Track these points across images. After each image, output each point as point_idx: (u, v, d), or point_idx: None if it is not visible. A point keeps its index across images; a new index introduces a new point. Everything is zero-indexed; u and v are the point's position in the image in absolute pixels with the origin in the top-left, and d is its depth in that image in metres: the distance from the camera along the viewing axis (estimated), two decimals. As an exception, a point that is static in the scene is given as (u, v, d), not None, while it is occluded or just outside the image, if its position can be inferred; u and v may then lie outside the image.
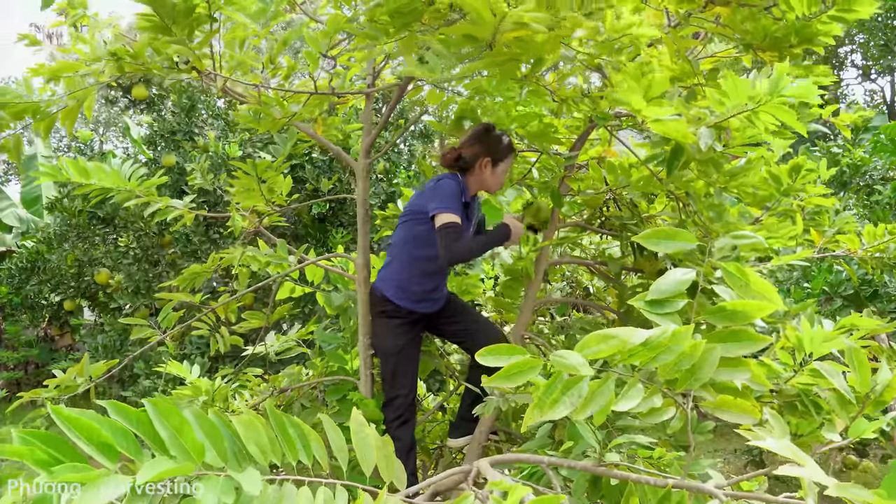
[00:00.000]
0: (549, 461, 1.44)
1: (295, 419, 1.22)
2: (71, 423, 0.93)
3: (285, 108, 2.31)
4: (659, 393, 1.23)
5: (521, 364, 1.19)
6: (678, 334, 1.19)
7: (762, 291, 1.46)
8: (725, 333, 1.29)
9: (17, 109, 2.05)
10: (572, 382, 1.19)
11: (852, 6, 1.66)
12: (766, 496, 1.13)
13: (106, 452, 0.94)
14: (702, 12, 1.77)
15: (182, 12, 1.83)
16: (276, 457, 1.14)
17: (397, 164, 6.78)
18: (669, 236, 1.56)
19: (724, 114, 1.52)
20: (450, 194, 2.29)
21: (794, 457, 1.08)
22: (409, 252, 2.45)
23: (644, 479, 1.28)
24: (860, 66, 17.87)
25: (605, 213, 2.56)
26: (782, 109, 1.45)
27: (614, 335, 1.19)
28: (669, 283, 1.41)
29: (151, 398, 1.03)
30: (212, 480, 0.99)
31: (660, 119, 1.47)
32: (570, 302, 3.32)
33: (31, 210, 9.86)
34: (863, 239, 2.48)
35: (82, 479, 0.88)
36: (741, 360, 1.28)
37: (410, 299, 2.45)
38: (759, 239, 1.67)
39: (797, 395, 1.61)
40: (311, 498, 1.10)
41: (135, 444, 0.97)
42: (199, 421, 1.05)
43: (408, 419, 2.44)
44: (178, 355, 4.79)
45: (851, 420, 1.38)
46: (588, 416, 1.19)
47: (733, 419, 1.34)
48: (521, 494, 1.02)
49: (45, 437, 0.91)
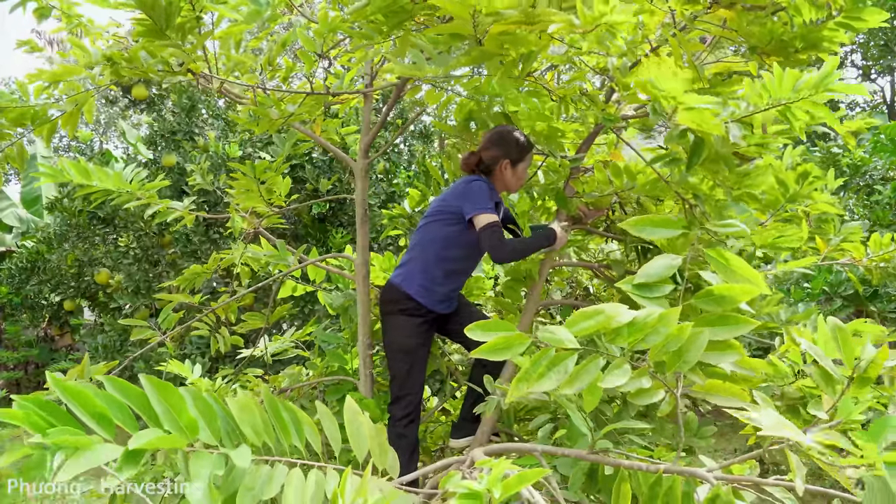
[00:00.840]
0: (542, 449, 1.44)
1: (289, 404, 1.23)
2: (68, 393, 0.93)
3: (282, 109, 2.31)
4: (647, 374, 1.23)
5: (509, 339, 1.20)
6: (665, 316, 1.20)
7: (746, 275, 1.46)
8: (713, 317, 1.30)
9: (15, 114, 2.04)
10: (559, 358, 1.20)
11: (860, 15, 1.65)
12: (756, 479, 1.13)
13: (102, 423, 0.95)
14: (707, 14, 1.77)
15: (172, 14, 1.83)
16: (270, 438, 1.14)
17: (397, 164, 6.78)
18: (655, 223, 1.57)
19: (759, 107, 1.49)
20: (484, 196, 2.33)
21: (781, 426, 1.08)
22: (435, 252, 2.46)
23: (636, 466, 1.28)
24: (860, 66, 17.87)
25: (610, 216, 2.56)
26: (819, 105, 1.42)
27: (601, 311, 1.21)
28: (657, 268, 1.42)
29: (148, 375, 1.03)
30: (203, 455, 1.00)
31: (695, 107, 1.45)
32: (571, 303, 3.31)
33: (31, 210, 9.86)
34: (868, 248, 2.47)
35: (75, 443, 0.89)
36: (729, 342, 1.29)
37: (434, 299, 2.47)
38: (742, 227, 1.67)
39: (800, 399, 1.60)
40: (303, 478, 1.11)
41: (130, 416, 0.98)
42: (195, 399, 1.06)
43: (415, 418, 2.46)
44: (178, 355, 4.79)
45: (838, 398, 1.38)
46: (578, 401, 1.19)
47: (723, 403, 1.35)
48: (503, 468, 1.02)
49: (42, 404, 0.92)
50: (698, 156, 1.61)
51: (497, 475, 0.99)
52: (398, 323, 2.48)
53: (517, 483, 0.99)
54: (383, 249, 6.31)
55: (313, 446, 1.21)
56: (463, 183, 2.43)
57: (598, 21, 1.51)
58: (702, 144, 1.61)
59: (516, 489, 0.99)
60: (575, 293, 3.48)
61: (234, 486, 1.02)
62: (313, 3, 3.04)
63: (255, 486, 1.04)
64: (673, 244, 1.73)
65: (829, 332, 1.40)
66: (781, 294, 2.43)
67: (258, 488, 1.04)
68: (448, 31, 1.67)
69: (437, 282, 2.47)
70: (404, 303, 2.47)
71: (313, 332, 3.30)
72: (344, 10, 2.38)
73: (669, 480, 1.24)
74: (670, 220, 1.58)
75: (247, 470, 1.03)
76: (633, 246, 2.40)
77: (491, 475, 0.99)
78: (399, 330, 2.48)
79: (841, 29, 1.69)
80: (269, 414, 1.18)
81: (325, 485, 1.11)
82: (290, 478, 1.08)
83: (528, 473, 1.00)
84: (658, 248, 2.06)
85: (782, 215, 2.14)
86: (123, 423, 0.96)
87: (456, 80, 2.28)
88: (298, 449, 1.19)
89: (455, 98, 2.69)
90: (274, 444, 1.15)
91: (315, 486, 1.10)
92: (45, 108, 2.10)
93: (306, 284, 3.21)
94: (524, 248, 2.32)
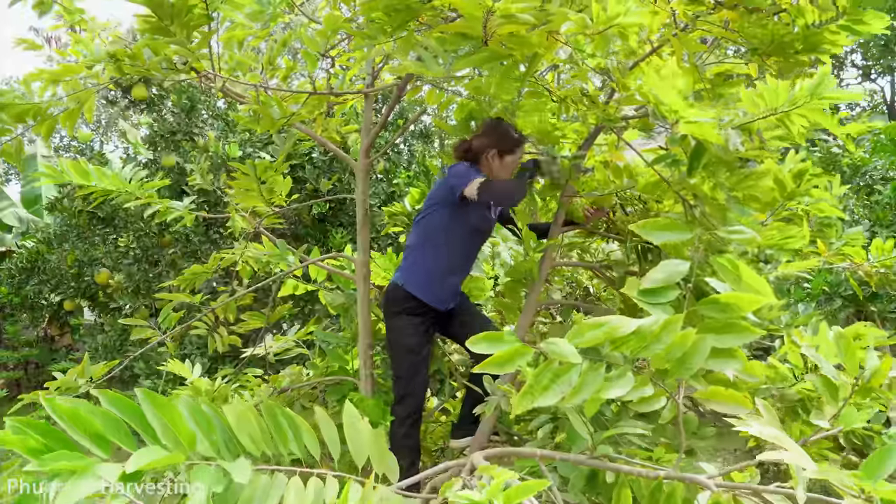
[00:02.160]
0: (541, 454, 1.44)
1: (287, 411, 1.22)
2: (63, 414, 0.92)
3: (284, 109, 2.31)
4: (650, 382, 1.23)
5: (513, 352, 1.19)
6: (669, 323, 1.20)
7: (754, 285, 1.46)
8: (718, 325, 1.29)
9: (17, 111, 2.04)
10: (563, 370, 1.20)
11: (863, 19, 1.65)
12: (757, 486, 1.13)
13: (98, 443, 0.94)
14: (710, 15, 1.76)
15: (180, 12, 1.83)
16: (268, 447, 1.14)
17: (397, 164, 6.77)
18: (661, 227, 1.57)
19: (756, 115, 1.50)
20: (468, 171, 2.37)
21: (781, 442, 1.08)
22: (432, 245, 2.48)
23: (636, 472, 1.28)
24: (860, 66, 17.86)
25: (611, 216, 2.56)
26: (818, 112, 1.43)
27: (606, 322, 1.20)
28: (663, 273, 1.42)
29: (144, 388, 1.03)
30: (202, 470, 0.99)
31: (695, 121, 1.45)
32: (571, 304, 3.31)
33: (31, 210, 9.85)
34: (870, 253, 2.47)
35: (72, 468, 0.88)
36: (733, 350, 1.28)
37: (435, 295, 2.48)
38: (753, 234, 1.66)
39: (799, 401, 1.60)
40: (302, 487, 1.10)
41: (127, 434, 0.97)
42: (192, 412, 1.05)
43: (418, 418, 2.46)
44: (178, 355, 4.78)
45: (840, 407, 1.38)
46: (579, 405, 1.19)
47: (725, 410, 1.34)
48: (505, 478, 1.01)
49: (37, 427, 0.91)
50: (699, 160, 1.61)
51: (498, 485, 0.99)
52: (400, 323, 2.49)
53: (519, 494, 0.99)
54: (384, 249, 6.30)
55: (312, 452, 1.21)
56: (447, 171, 2.49)
57: (612, 22, 1.50)
58: (702, 149, 1.61)
59: (517, 500, 0.98)
60: (575, 293, 3.47)
61: (234, 500, 1.01)
62: (313, 3, 3.04)
63: (254, 499, 1.03)
64: (677, 247, 1.73)
65: (830, 338, 1.40)
66: (785, 300, 2.42)
67: (257, 500, 1.03)
68: (455, 30, 1.66)
69: (436, 276, 2.47)
70: (405, 303, 2.47)
71: (314, 332, 3.30)
72: (344, 11, 2.38)
73: (670, 487, 1.24)
74: (677, 223, 1.57)
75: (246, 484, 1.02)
76: (634, 246, 2.40)
77: (492, 485, 0.98)
78: (401, 330, 2.49)
79: (842, 32, 1.69)
80: (267, 421, 1.17)
81: (325, 493, 1.11)
82: (289, 489, 1.08)
83: (530, 485, 1.00)
84: (658, 249, 2.06)
85: (782, 214, 2.13)
86: (120, 441, 0.95)
87: (457, 80, 2.28)
88: (297, 455, 1.18)
89: (455, 98, 2.69)
90: (272, 452, 1.15)
91: (314, 495, 1.09)
92: (46, 106, 2.09)
93: (307, 284, 3.21)
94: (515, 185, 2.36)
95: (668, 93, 1.45)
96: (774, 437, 1.08)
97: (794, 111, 1.43)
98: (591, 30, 1.53)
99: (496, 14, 1.52)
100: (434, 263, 2.48)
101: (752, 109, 1.49)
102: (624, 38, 1.57)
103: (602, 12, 1.47)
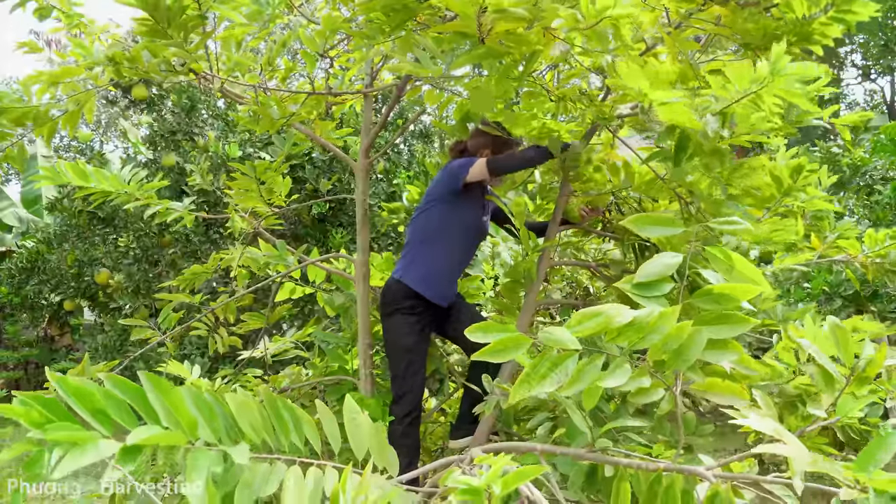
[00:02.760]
0: (541, 448, 1.44)
1: (288, 402, 1.23)
2: (68, 389, 0.93)
3: (283, 109, 2.32)
4: (647, 374, 1.23)
5: (510, 339, 1.20)
6: (665, 315, 1.20)
7: (748, 275, 1.46)
8: (713, 316, 1.30)
9: (17, 114, 2.05)
10: (560, 359, 1.20)
11: (850, 7, 1.66)
12: (755, 476, 1.13)
13: (100, 419, 0.95)
14: (701, 11, 1.77)
15: (175, 14, 1.84)
16: (269, 436, 1.15)
17: (397, 164, 6.78)
18: (655, 221, 1.58)
19: (729, 99, 1.51)
20: (466, 160, 2.46)
21: (778, 434, 1.08)
22: (430, 239, 2.52)
23: (635, 464, 1.28)
24: (860, 66, 17.87)
25: (607, 216, 2.57)
26: (788, 90, 1.43)
27: (601, 312, 1.21)
28: (656, 266, 1.42)
29: (147, 373, 1.03)
30: (203, 452, 1.00)
31: (666, 102, 1.46)
32: (570, 304, 3.32)
33: (31, 210, 9.85)
34: (864, 244, 2.48)
35: (73, 439, 0.89)
36: (729, 342, 1.29)
37: (433, 289, 2.50)
38: (747, 225, 1.67)
39: (798, 396, 1.61)
40: (302, 475, 1.11)
41: (129, 414, 0.98)
42: (194, 398, 1.06)
43: (416, 417, 2.47)
44: (178, 356, 4.79)
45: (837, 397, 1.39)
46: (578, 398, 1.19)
47: (722, 401, 1.35)
48: (502, 464, 1.02)
49: (42, 401, 0.92)
50: (684, 150, 1.63)
51: (496, 471, 0.99)
52: (396, 322, 2.50)
53: (516, 479, 0.99)
54: (383, 250, 6.31)
55: (313, 445, 1.22)
56: (443, 168, 2.55)
57: (602, 15, 1.51)
58: (686, 139, 1.63)
59: (515, 485, 0.99)
60: (575, 293, 3.48)
61: (233, 483, 1.02)
62: (313, 4, 3.05)
63: (254, 483, 1.04)
64: (671, 241, 1.74)
65: (827, 329, 1.40)
66: (778, 290, 2.43)
67: (256, 485, 1.04)
68: (452, 29, 1.67)
69: (435, 272, 2.50)
70: (403, 300, 2.48)
71: (313, 333, 3.30)
72: (343, 10, 2.39)
73: (669, 479, 1.25)
74: (670, 218, 1.59)
75: (245, 467, 1.03)
76: (631, 245, 2.41)
77: (490, 471, 0.99)
78: (398, 329, 2.50)
79: (833, 23, 1.70)
80: (269, 412, 1.18)
81: (324, 482, 1.11)
82: (289, 475, 1.09)
83: (527, 470, 1.00)
84: (655, 247, 2.06)
85: (778, 210, 2.14)
86: (123, 421, 0.96)
87: (456, 80, 2.29)
88: (298, 447, 1.19)
89: (455, 98, 2.70)
90: (273, 441, 1.16)
91: (314, 484, 1.10)
92: (46, 109, 2.10)
93: (306, 286, 3.21)
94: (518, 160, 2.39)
95: (635, 78, 1.47)
96: (772, 430, 1.08)
97: (762, 91, 1.42)
98: (583, 24, 1.54)
99: (489, 10, 1.53)
100: (433, 259, 2.50)
101: (721, 93, 1.49)
102: (617, 31, 1.58)
103: (591, 6, 1.48)
